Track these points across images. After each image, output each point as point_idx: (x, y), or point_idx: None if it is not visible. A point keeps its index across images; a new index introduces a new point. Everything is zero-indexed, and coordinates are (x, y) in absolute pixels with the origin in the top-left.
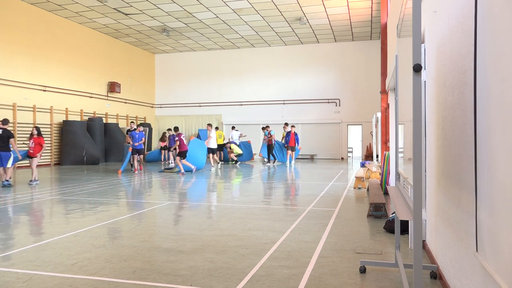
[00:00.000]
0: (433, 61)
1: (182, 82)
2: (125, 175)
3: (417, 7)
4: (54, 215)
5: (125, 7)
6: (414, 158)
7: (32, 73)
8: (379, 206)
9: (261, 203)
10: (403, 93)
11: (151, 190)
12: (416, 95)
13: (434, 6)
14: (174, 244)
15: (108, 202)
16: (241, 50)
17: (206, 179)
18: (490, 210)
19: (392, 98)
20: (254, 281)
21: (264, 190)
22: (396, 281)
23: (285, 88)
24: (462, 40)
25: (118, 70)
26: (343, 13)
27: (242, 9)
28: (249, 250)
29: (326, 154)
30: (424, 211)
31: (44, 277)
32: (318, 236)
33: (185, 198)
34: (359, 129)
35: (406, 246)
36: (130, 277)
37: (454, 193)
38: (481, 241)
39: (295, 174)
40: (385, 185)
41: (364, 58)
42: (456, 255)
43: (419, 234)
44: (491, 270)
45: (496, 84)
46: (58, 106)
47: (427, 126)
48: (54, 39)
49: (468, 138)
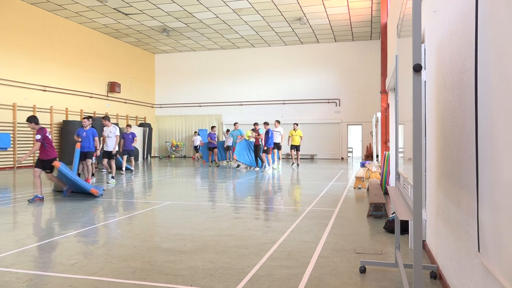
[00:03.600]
0: (433, 61)
1: (182, 82)
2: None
3: (417, 7)
4: (54, 215)
5: (125, 7)
6: (414, 158)
7: (32, 73)
8: (379, 206)
9: (261, 203)
10: (403, 93)
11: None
12: (416, 95)
13: (434, 6)
14: (174, 244)
15: (108, 202)
16: (241, 50)
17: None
18: (492, 210)
19: (392, 98)
20: (254, 281)
21: (264, 190)
22: (396, 281)
23: (285, 88)
24: (462, 40)
25: (118, 70)
26: (343, 13)
27: (242, 9)
28: (249, 250)
29: (326, 154)
30: (424, 211)
31: (44, 277)
32: (318, 236)
33: (185, 198)
34: (359, 129)
35: (406, 246)
36: (130, 277)
37: (454, 193)
38: (483, 242)
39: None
40: (385, 185)
41: (364, 58)
42: (456, 255)
43: (419, 234)
44: (494, 271)
45: (499, 84)
46: (58, 106)
47: (427, 126)
48: (54, 39)
49: (468, 138)
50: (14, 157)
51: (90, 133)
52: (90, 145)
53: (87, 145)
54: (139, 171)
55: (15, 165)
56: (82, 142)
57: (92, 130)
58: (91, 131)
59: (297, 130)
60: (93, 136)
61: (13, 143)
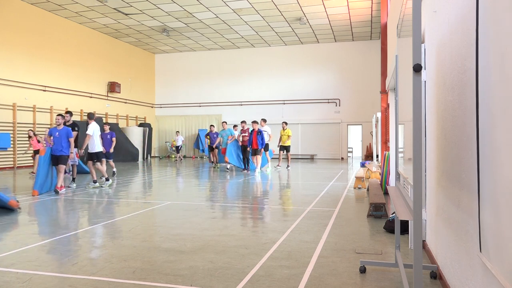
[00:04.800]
0: (433, 61)
1: (182, 82)
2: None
3: (417, 7)
4: (54, 215)
5: (125, 7)
6: (414, 158)
7: (32, 73)
8: (379, 206)
9: (261, 203)
10: (403, 93)
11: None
12: (416, 95)
13: (434, 6)
14: (174, 244)
15: (108, 202)
16: (241, 50)
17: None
18: (494, 210)
19: (392, 98)
20: (254, 281)
21: (264, 191)
22: (396, 281)
23: (285, 88)
24: (462, 40)
25: (118, 70)
26: (343, 13)
27: (242, 9)
28: (249, 250)
29: (326, 154)
30: (424, 211)
31: (44, 277)
32: (318, 236)
33: (185, 198)
34: (359, 129)
35: (406, 246)
36: (130, 277)
37: (454, 193)
38: (484, 242)
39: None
40: (385, 185)
41: (364, 58)
42: (456, 255)
43: (419, 234)
44: (495, 271)
45: (500, 84)
46: (58, 106)
47: (427, 126)
48: (54, 39)
49: (468, 138)
50: (14, 157)
51: (64, 133)
52: (63, 148)
53: (59, 148)
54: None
55: (15, 165)
56: (54, 144)
57: (66, 130)
58: (65, 131)
59: (286, 130)
60: (67, 136)
61: (13, 143)
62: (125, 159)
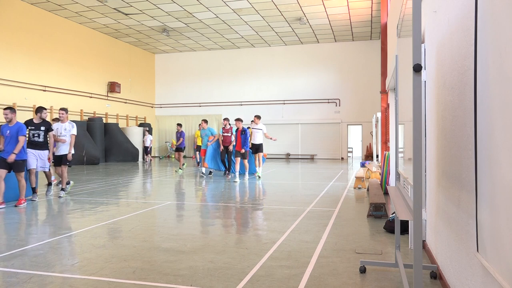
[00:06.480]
0: (433, 61)
1: (182, 82)
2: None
3: (417, 7)
4: (54, 215)
5: (125, 7)
6: (414, 158)
7: (32, 73)
8: (379, 206)
9: (261, 203)
10: (403, 93)
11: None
12: (416, 95)
13: (434, 6)
14: (174, 244)
15: (108, 202)
16: (241, 50)
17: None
18: (491, 210)
19: (392, 98)
20: (254, 281)
21: (263, 191)
22: (396, 281)
23: (285, 88)
24: (462, 40)
25: (118, 70)
26: (343, 13)
27: (242, 9)
28: (249, 250)
29: (326, 154)
30: (424, 211)
31: (44, 277)
32: (318, 236)
33: (185, 198)
34: (359, 129)
35: (406, 246)
36: (130, 277)
37: (454, 193)
38: (482, 242)
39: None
40: (385, 185)
41: (364, 58)
42: (456, 255)
43: (419, 234)
44: (493, 271)
45: (498, 84)
46: (58, 106)
47: (427, 126)
48: (54, 39)
49: (468, 138)
50: None
51: (14, 130)
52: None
53: (11, 149)
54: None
55: None
56: (6, 145)
57: (18, 126)
58: (16, 128)
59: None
60: (18, 134)
61: None
62: (125, 159)
